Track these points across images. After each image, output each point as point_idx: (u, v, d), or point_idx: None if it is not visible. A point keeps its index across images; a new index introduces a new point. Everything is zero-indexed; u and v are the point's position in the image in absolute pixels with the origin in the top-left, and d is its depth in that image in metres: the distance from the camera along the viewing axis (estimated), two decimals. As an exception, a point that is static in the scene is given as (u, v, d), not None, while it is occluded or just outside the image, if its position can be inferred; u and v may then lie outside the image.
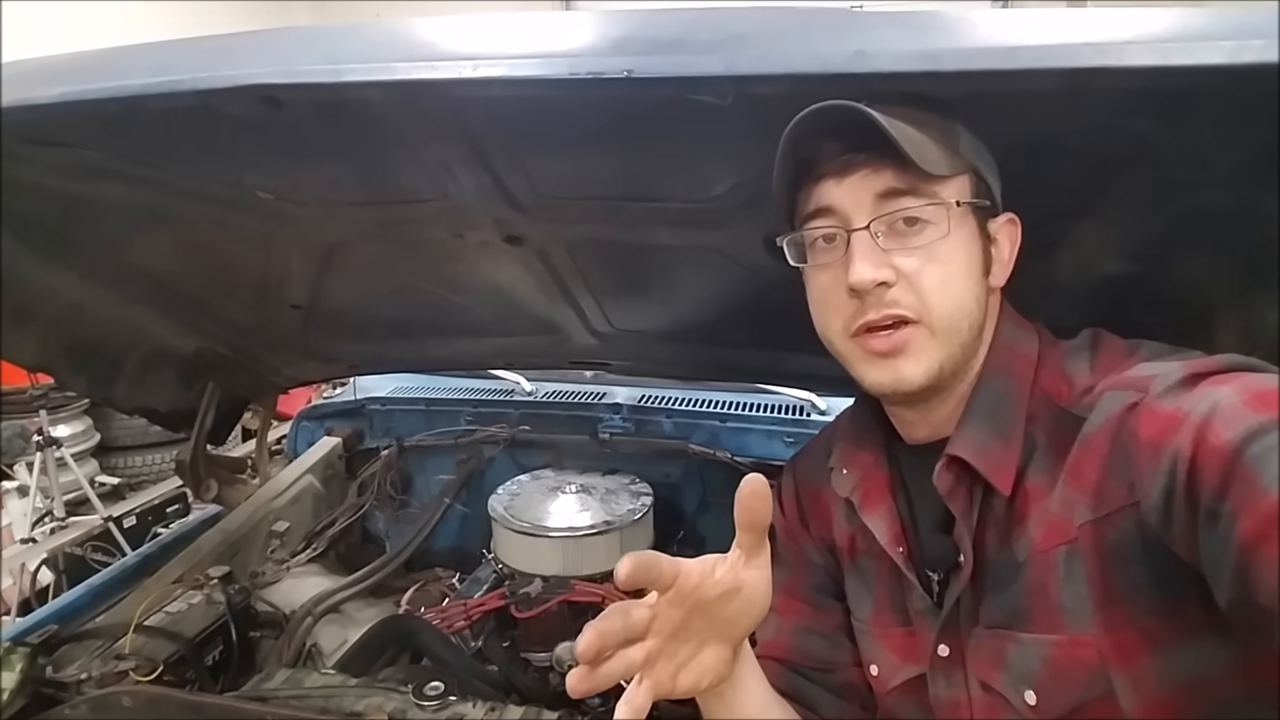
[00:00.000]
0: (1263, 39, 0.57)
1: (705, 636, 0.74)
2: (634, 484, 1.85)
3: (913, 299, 0.77)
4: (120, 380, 1.68)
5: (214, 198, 1.17)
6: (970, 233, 0.79)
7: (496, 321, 1.61)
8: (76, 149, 1.04)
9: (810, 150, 0.77)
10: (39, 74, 0.87)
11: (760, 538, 0.73)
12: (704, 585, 0.71)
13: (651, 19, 0.73)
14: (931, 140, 0.74)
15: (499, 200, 1.11)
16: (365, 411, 2.17)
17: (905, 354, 0.79)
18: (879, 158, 0.74)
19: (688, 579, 0.70)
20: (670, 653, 0.72)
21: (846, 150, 0.76)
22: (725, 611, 0.73)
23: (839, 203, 0.78)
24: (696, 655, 0.74)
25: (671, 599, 0.70)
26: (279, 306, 1.55)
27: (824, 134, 0.75)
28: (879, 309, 0.78)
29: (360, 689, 1.19)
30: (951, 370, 0.80)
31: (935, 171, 0.73)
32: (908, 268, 0.77)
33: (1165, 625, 0.68)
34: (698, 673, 0.74)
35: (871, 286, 0.76)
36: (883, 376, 0.80)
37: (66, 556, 3.09)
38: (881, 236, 0.77)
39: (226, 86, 0.77)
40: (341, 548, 1.99)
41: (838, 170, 0.77)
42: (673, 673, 0.72)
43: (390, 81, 0.74)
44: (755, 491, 0.70)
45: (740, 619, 0.75)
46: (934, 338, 0.78)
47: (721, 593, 0.72)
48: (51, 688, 1.25)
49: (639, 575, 0.66)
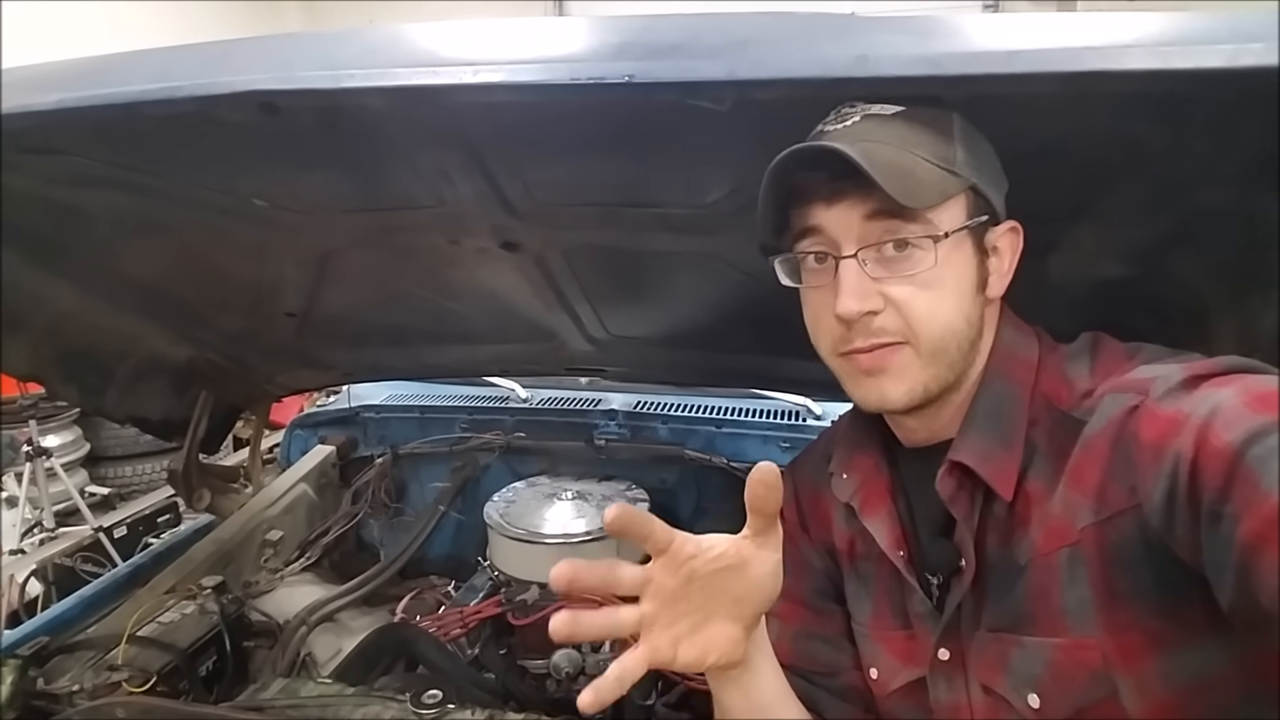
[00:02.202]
0: (1262, 42, 0.57)
1: (708, 611, 0.74)
2: (630, 490, 1.85)
3: (900, 324, 0.77)
4: (112, 389, 1.66)
5: (209, 205, 1.16)
6: (964, 254, 0.78)
7: (492, 328, 1.61)
8: (71, 156, 1.03)
9: (798, 179, 0.77)
10: (35, 81, 0.86)
11: (770, 522, 0.73)
12: (700, 557, 0.72)
13: (653, 25, 0.73)
14: (924, 162, 0.73)
15: (496, 207, 1.11)
16: (359, 419, 2.16)
17: (889, 373, 0.79)
18: (867, 185, 0.72)
19: (682, 547, 0.71)
20: (668, 621, 0.72)
21: (834, 179, 0.75)
22: (728, 587, 0.73)
23: (828, 226, 0.78)
24: (700, 630, 0.74)
25: (665, 564, 0.71)
26: (273, 314, 1.54)
27: (810, 165, 0.75)
28: (866, 337, 0.78)
29: (357, 698, 1.18)
30: (938, 389, 0.80)
31: (923, 204, 0.73)
32: (896, 295, 0.77)
33: (1168, 627, 0.69)
34: (701, 647, 0.74)
35: (858, 318, 0.77)
36: (868, 394, 0.82)
37: (56, 568, 3.07)
38: (870, 264, 0.76)
39: (225, 93, 0.77)
40: (336, 556, 1.99)
41: (826, 198, 0.77)
42: (671, 642, 0.72)
43: (390, 88, 0.74)
44: (764, 479, 0.71)
45: (748, 597, 0.75)
46: (919, 359, 0.78)
47: (723, 567, 0.72)
48: (43, 700, 1.24)
49: (625, 520, 0.68)
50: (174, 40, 0.91)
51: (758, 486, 0.71)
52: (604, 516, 0.68)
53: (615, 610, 0.71)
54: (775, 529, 0.74)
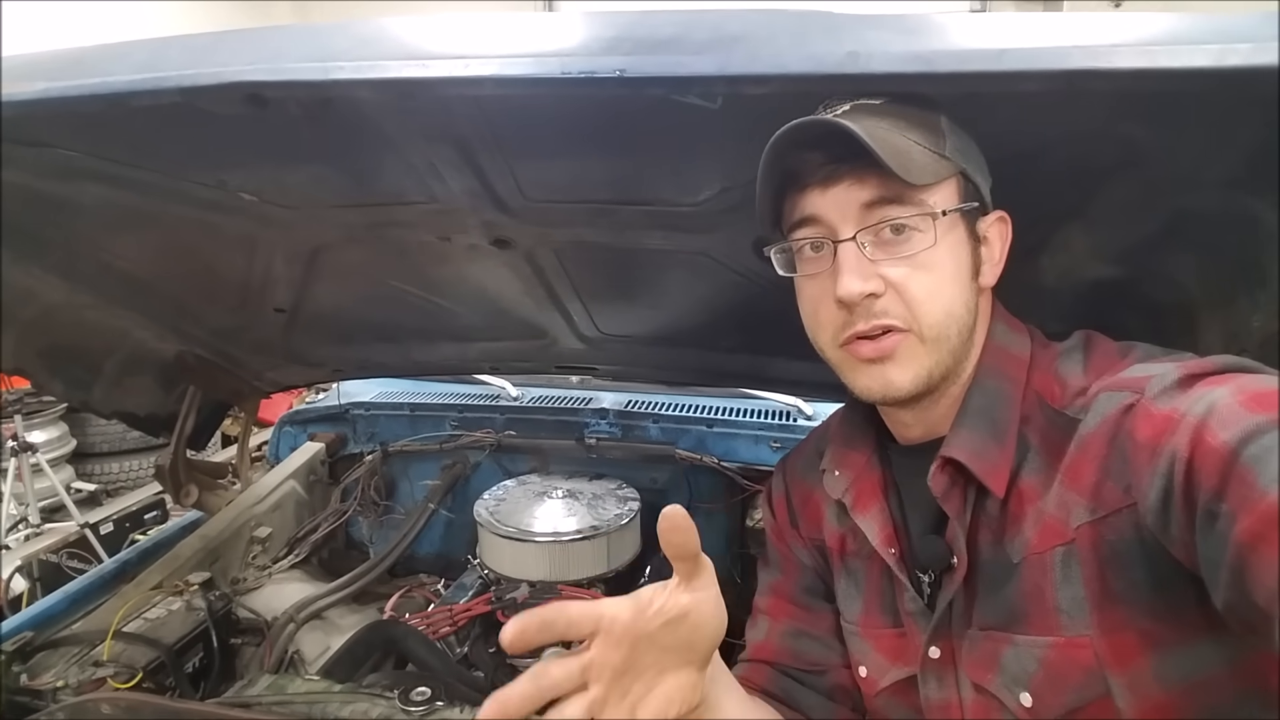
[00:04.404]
0: (1249, 43, 0.57)
1: (661, 666, 0.69)
2: (621, 489, 1.85)
3: (901, 308, 0.77)
4: (99, 383, 1.65)
5: (197, 199, 1.15)
6: (958, 237, 0.79)
7: (483, 325, 1.60)
8: (59, 149, 1.02)
9: (794, 162, 0.77)
10: (21, 70, 0.85)
11: (694, 564, 0.69)
12: (639, 620, 0.67)
13: (645, 20, 0.73)
14: (916, 145, 0.74)
15: (487, 203, 1.10)
16: (349, 416, 2.15)
17: (893, 360, 0.79)
18: (863, 168, 0.73)
19: (615, 621, 0.67)
20: (621, 692, 0.67)
21: (830, 161, 0.75)
22: (674, 638, 0.69)
23: (825, 213, 0.78)
24: (656, 686, 0.69)
25: (604, 642, 0.66)
26: (262, 310, 1.53)
27: (806, 146, 0.75)
28: (868, 319, 0.78)
29: (345, 695, 1.17)
30: (941, 375, 0.80)
31: (919, 181, 0.73)
32: (896, 277, 0.77)
33: (1163, 626, 0.69)
34: (661, 703, 0.69)
35: (860, 299, 0.76)
36: (872, 383, 0.81)
37: (41, 564, 3.05)
38: (868, 247, 0.76)
39: (212, 84, 0.76)
40: (324, 554, 1.98)
41: (822, 181, 0.77)
42: (629, 710, 0.67)
43: (380, 80, 0.73)
44: (673, 526, 0.67)
45: (695, 643, 0.70)
46: (923, 344, 0.78)
47: (664, 622, 0.68)
48: (27, 696, 1.23)
49: (528, 638, 0.64)
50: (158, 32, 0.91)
51: (669, 534, 0.67)
52: (501, 639, 0.63)
53: (562, 708, 0.65)
54: (703, 565, 0.70)
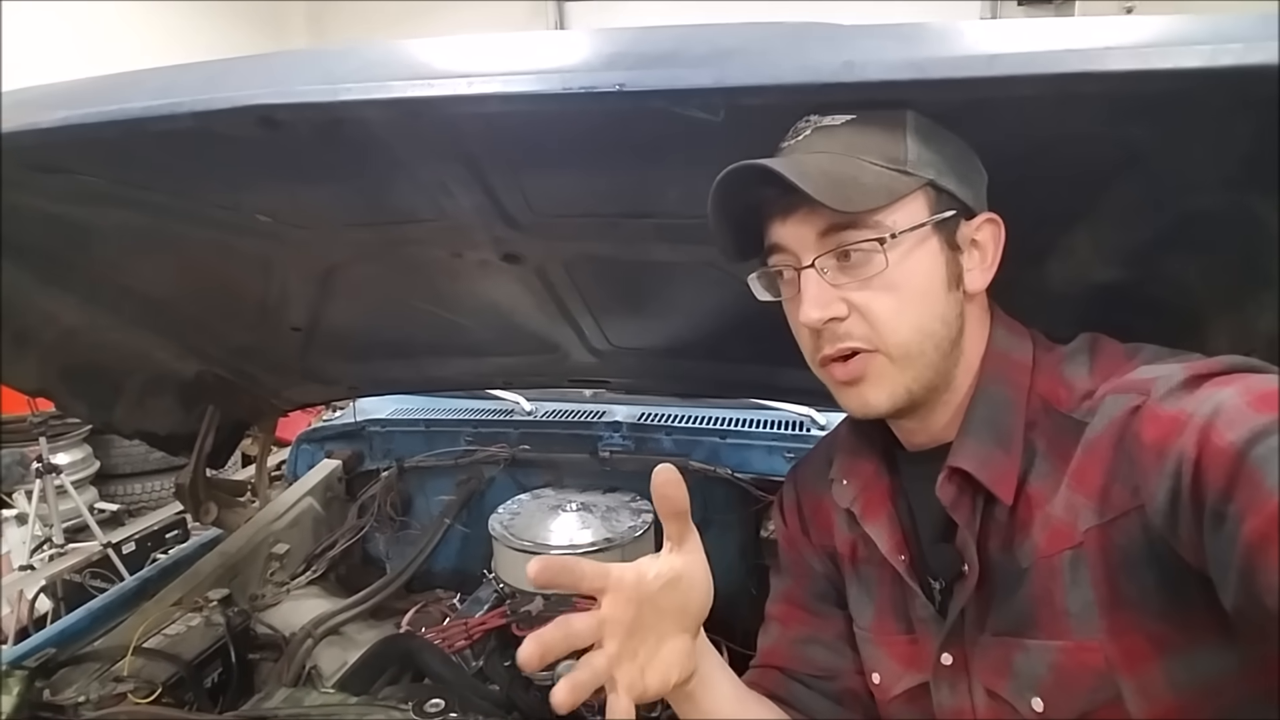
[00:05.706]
0: (1240, 43, 0.58)
1: (660, 631, 0.75)
2: (634, 501, 1.85)
3: (865, 330, 0.78)
4: (120, 404, 1.68)
5: (213, 221, 1.18)
6: (928, 251, 0.78)
7: (495, 341, 1.62)
8: (79, 175, 1.05)
9: (754, 196, 0.79)
10: (40, 100, 0.88)
11: (684, 524, 0.76)
12: (644, 581, 0.73)
13: (644, 36, 0.75)
14: (871, 166, 0.74)
15: (496, 219, 1.12)
16: (365, 433, 2.17)
17: (866, 381, 0.80)
18: (813, 199, 0.73)
19: (623, 578, 0.73)
20: (631, 652, 0.73)
21: (785, 193, 0.75)
22: (671, 601, 0.75)
23: (786, 242, 0.79)
24: (657, 652, 0.75)
25: (613, 600, 0.72)
26: (279, 329, 1.56)
27: (758, 182, 0.76)
28: (833, 343, 0.79)
29: (360, 707, 1.19)
30: (924, 389, 0.81)
31: (862, 207, 0.73)
32: (859, 300, 0.77)
33: (1172, 629, 0.68)
34: (663, 669, 0.75)
35: (820, 324, 0.78)
36: (850, 403, 0.83)
37: (65, 583, 3.08)
38: (829, 272, 0.77)
39: (225, 108, 0.78)
40: (342, 570, 1.99)
41: (780, 212, 0.79)
42: (639, 673, 0.73)
43: (387, 99, 0.75)
44: (666, 480, 0.73)
45: (688, 605, 0.77)
46: (894, 364, 0.79)
47: (663, 584, 0.74)
48: (49, 711, 1.25)
49: (551, 571, 0.70)
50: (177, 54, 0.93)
51: (661, 488, 0.73)
52: (528, 572, 0.69)
53: (588, 660, 0.71)
54: (690, 528, 0.77)
